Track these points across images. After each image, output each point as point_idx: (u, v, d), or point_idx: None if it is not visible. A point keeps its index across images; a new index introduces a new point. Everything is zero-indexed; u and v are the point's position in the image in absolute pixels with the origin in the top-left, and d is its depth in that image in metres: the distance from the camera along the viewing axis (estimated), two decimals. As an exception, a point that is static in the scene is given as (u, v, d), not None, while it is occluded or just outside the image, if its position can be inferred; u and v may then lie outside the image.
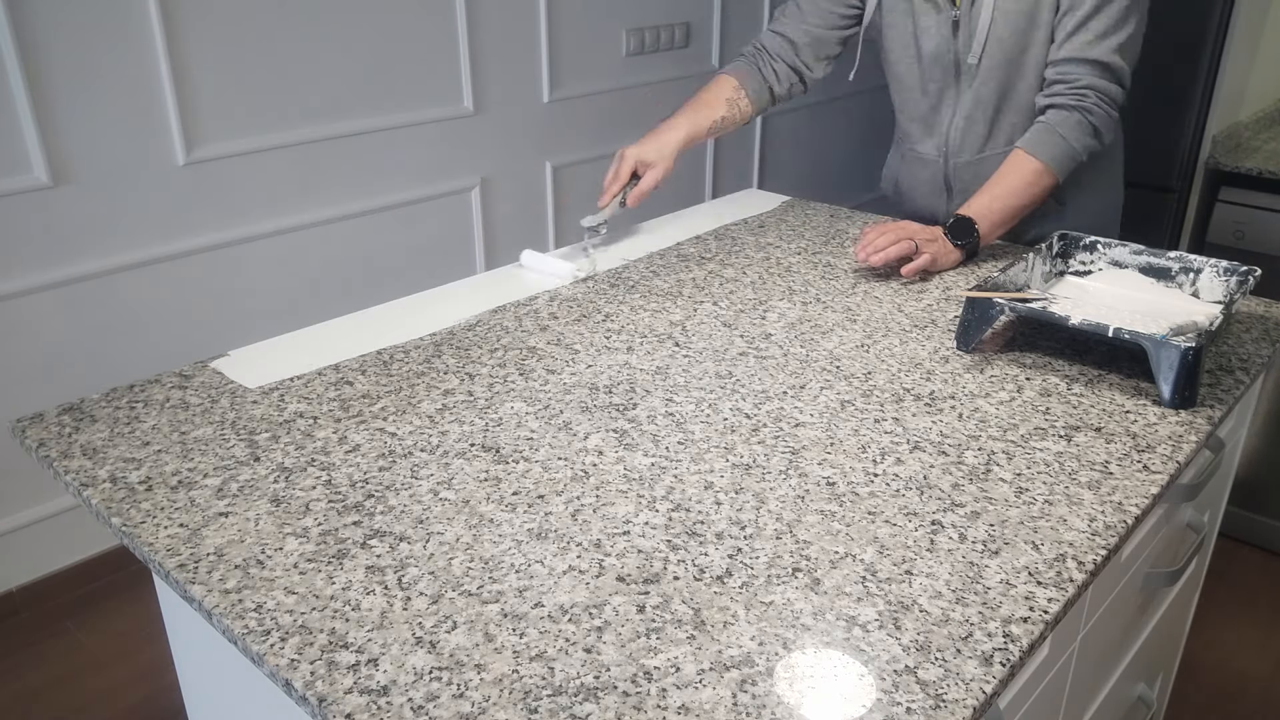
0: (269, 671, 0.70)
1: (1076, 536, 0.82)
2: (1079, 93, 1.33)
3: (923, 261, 1.35)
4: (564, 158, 2.84)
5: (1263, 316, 1.27)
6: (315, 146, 2.28)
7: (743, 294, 1.34)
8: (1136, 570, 1.08)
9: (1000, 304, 1.12)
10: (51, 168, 1.91)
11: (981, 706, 0.66)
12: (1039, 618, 0.73)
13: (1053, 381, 1.10)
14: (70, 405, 1.05)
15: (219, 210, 2.16)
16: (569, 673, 0.68)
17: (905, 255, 1.36)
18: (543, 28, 2.65)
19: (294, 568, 0.79)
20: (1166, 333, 1.04)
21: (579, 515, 0.85)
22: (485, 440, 0.97)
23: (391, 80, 2.37)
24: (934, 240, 1.38)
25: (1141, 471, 0.92)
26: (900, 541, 0.82)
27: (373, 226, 2.46)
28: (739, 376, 1.10)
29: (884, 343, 1.19)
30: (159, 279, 2.12)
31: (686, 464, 0.93)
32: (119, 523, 0.85)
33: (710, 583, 0.77)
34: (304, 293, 2.37)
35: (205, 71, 2.06)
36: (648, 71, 3.00)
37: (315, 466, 0.93)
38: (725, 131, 1.60)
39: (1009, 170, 1.37)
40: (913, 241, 1.36)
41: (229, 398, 1.06)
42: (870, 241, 1.36)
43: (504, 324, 1.25)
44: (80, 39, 1.88)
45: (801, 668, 0.69)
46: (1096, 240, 1.28)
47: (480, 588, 0.76)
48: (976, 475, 0.91)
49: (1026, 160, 1.35)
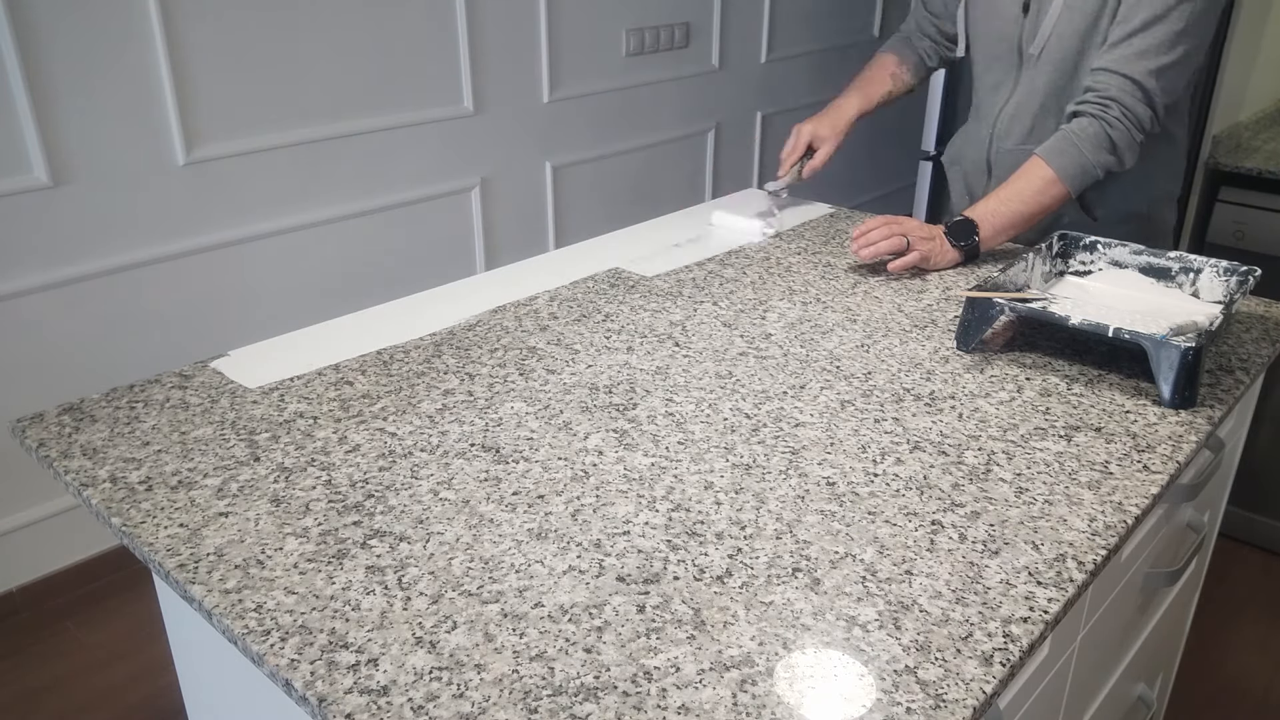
0: (269, 671, 0.70)
1: (1076, 536, 0.82)
2: (1104, 103, 1.31)
3: (911, 259, 1.35)
4: (564, 158, 2.84)
5: (1263, 316, 1.27)
6: (315, 146, 2.28)
7: (743, 294, 1.34)
8: (1136, 570, 1.08)
9: (1000, 304, 1.12)
10: (51, 168, 1.91)
11: (981, 706, 0.66)
12: (1039, 618, 0.73)
13: (1053, 381, 1.10)
14: (70, 405, 1.05)
15: (219, 210, 2.16)
16: (569, 673, 0.68)
17: (896, 250, 1.35)
18: (543, 28, 2.65)
19: (294, 568, 0.79)
20: (1166, 333, 1.04)
21: (579, 515, 0.85)
22: (485, 440, 0.97)
23: (391, 80, 2.37)
24: (930, 239, 1.37)
25: (1141, 471, 0.92)
26: (900, 541, 0.82)
27: (373, 226, 2.46)
28: (739, 376, 1.10)
29: (884, 343, 1.19)
30: (159, 279, 2.12)
31: (686, 464, 0.93)
32: (119, 523, 0.85)
33: (710, 583, 0.77)
34: (304, 293, 2.37)
35: (205, 71, 2.06)
36: (648, 71, 3.00)
37: (315, 466, 0.93)
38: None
39: (1021, 175, 1.36)
40: (905, 238, 1.35)
41: (229, 398, 1.06)
42: (864, 233, 1.36)
43: (504, 324, 1.25)
44: (80, 39, 1.88)
45: (801, 668, 0.69)
46: (1096, 240, 1.28)
47: (480, 588, 0.76)
48: (976, 475, 0.91)
49: (1039, 167, 1.34)
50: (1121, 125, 1.31)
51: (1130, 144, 1.32)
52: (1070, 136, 1.33)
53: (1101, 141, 1.31)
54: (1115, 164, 1.33)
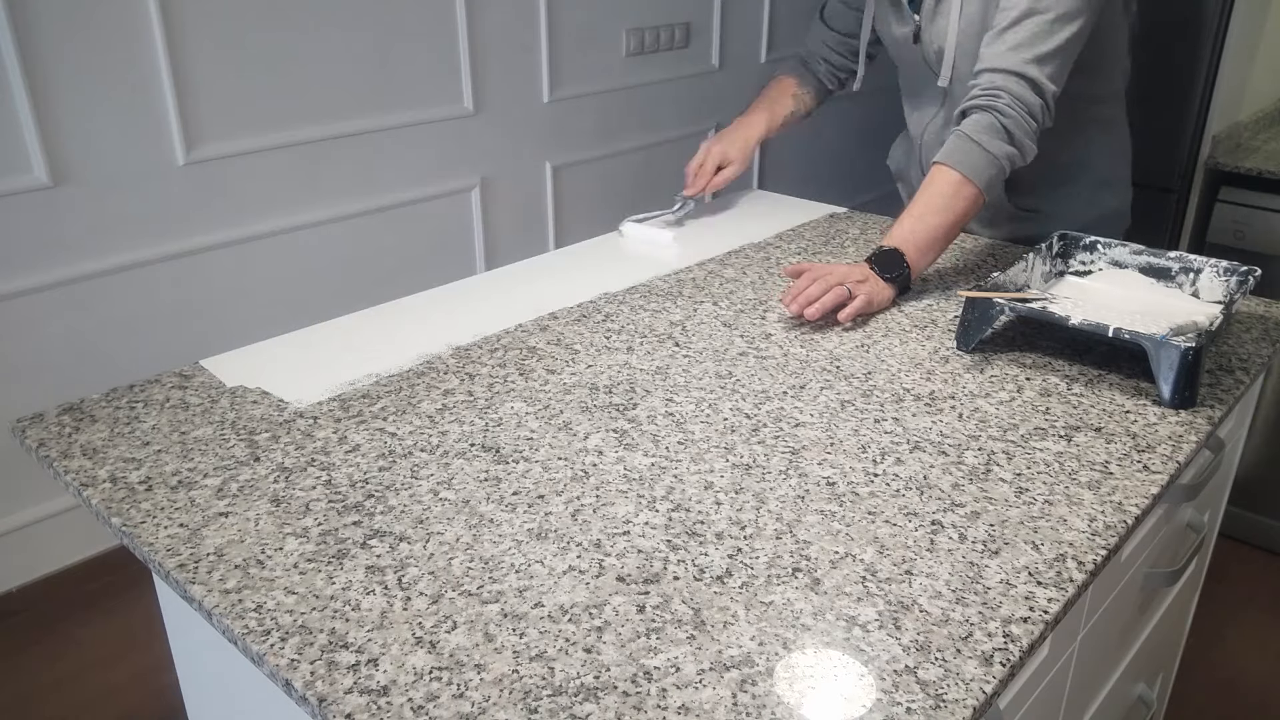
0: (269, 671, 0.70)
1: (1076, 536, 0.82)
2: (990, 94, 1.27)
3: (858, 305, 1.24)
4: (564, 158, 2.84)
5: (1263, 316, 1.27)
6: (315, 146, 2.28)
7: (743, 294, 1.34)
8: (1136, 570, 1.08)
9: (1000, 304, 1.12)
10: (51, 168, 1.91)
11: (981, 706, 0.66)
12: (1039, 618, 0.73)
13: (1053, 381, 1.10)
14: (70, 405, 1.05)
15: (219, 210, 2.16)
16: (569, 673, 0.68)
17: (840, 302, 1.24)
18: (543, 28, 2.65)
19: (294, 568, 0.79)
20: (1166, 333, 1.04)
21: (579, 515, 0.85)
22: (485, 440, 0.97)
23: (391, 80, 2.37)
24: (865, 280, 1.27)
25: (1141, 471, 0.92)
26: (900, 541, 0.82)
27: (373, 226, 2.46)
28: (739, 376, 1.10)
29: (884, 343, 1.19)
30: (159, 279, 2.12)
31: (686, 464, 0.93)
32: (119, 523, 0.85)
33: (710, 583, 0.77)
34: (304, 293, 2.37)
35: (205, 71, 2.06)
36: (648, 71, 3.00)
37: (315, 466, 0.93)
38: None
39: (928, 185, 1.29)
40: (844, 286, 1.24)
41: (229, 398, 1.06)
42: (800, 292, 1.23)
43: (504, 323, 1.25)
44: (80, 39, 1.88)
45: (801, 668, 0.69)
46: (1096, 240, 1.28)
47: (480, 588, 0.76)
48: (976, 475, 0.91)
49: (942, 172, 1.28)
50: (1015, 113, 1.26)
51: (1026, 131, 1.27)
52: (963, 135, 1.27)
53: (996, 131, 1.26)
54: (1016, 154, 1.27)
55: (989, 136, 1.26)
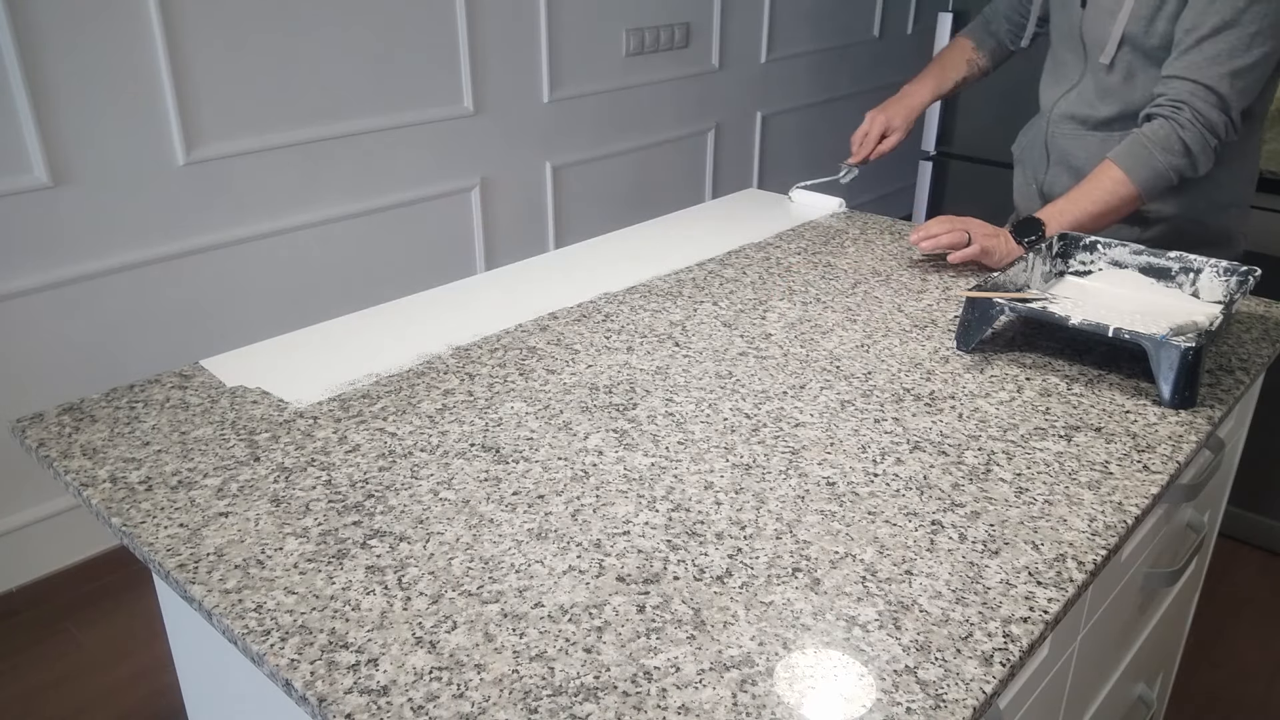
0: (269, 671, 0.70)
1: (1076, 536, 0.82)
2: (1176, 105, 1.30)
3: (972, 250, 1.36)
4: (564, 158, 2.84)
5: (1263, 316, 1.27)
6: (315, 146, 2.28)
7: (743, 294, 1.34)
8: (1136, 570, 1.08)
9: (1000, 304, 1.12)
10: (51, 168, 1.91)
11: (981, 706, 0.66)
12: (1039, 618, 0.73)
13: (1053, 381, 1.10)
14: (70, 405, 1.05)
15: (219, 210, 2.16)
16: (569, 673, 0.68)
17: (956, 245, 1.36)
18: (543, 28, 2.65)
19: (294, 568, 0.79)
20: (1166, 333, 1.04)
21: (579, 515, 0.85)
22: (485, 440, 0.97)
23: (391, 80, 2.37)
24: (993, 236, 1.37)
25: (1141, 471, 0.92)
26: (900, 541, 0.82)
27: (373, 226, 2.46)
28: (739, 376, 1.10)
29: (884, 343, 1.19)
30: (159, 279, 2.12)
31: (686, 464, 0.93)
32: (119, 523, 0.85)
33: (710, 583, 0.77)
34: (304, 293, 2.37)
35: (205, 71, 2.06)
36: (648, 71, 3.00)
37: (315, 466, 0.93)
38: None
39: (1092, 176, 1.35)
40: (966, 233, 1.36)
41: (229, 398, 1.06)
42: (927, 227, 1.38)
43: (504, 323, 1.25)
44: (80, 39, 1.88)
45: (801, 668, 0.69)
46: (1097, 240, 1.28)
47: (480, 588, 0.76)
48: (976, 475, 0.91)
49: (1109, 168, 1.33)
50: (1194, 128, 1.29)
51: (1204, 148, 1.30)
52: (1141, 139, 1.31)
53: (1173, 144, 1.29)
54: (1188, 167, 1.31)
55: (1163, 146, 1.30)
